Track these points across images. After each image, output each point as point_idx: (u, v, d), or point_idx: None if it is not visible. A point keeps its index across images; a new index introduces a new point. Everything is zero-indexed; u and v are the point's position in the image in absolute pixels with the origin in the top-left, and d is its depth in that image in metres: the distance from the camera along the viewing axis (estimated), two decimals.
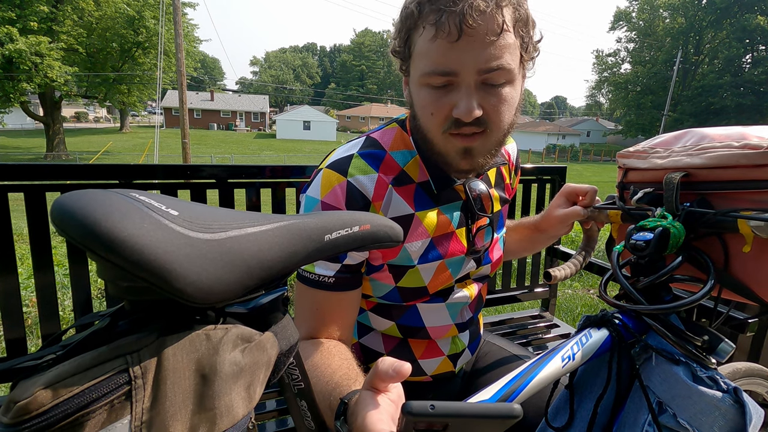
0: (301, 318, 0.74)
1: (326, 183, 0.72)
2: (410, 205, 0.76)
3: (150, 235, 0.31)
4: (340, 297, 0.73)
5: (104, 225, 0.29)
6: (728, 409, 0.58)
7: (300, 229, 0.41)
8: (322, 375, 0.61)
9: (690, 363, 0.63)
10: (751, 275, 0.66)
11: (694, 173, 0.69)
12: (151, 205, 0.34)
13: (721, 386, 0.60)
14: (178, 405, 0.32)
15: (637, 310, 0.65)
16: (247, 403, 0.37)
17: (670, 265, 0.65)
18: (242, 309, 0.42)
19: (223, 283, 0.34)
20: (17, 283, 1.05)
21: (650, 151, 0.76)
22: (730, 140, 0.66)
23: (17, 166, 1.04)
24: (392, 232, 0.49)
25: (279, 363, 0.43)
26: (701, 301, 0.62)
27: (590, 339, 0.65)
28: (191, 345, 0.34)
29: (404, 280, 0.78)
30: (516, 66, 0.67)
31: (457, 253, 0.80)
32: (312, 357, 0.67)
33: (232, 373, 0.35)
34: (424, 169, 0.78)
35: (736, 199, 0.66)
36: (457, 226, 0.80)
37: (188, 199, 1.21)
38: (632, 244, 0.66)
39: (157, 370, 0.32)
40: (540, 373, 0.59)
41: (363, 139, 0.79)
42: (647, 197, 0.74)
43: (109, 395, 0.30)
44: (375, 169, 0.74)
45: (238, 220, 0.38)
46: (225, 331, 0.37)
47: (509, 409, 0.31)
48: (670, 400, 0.62)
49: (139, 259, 0.30)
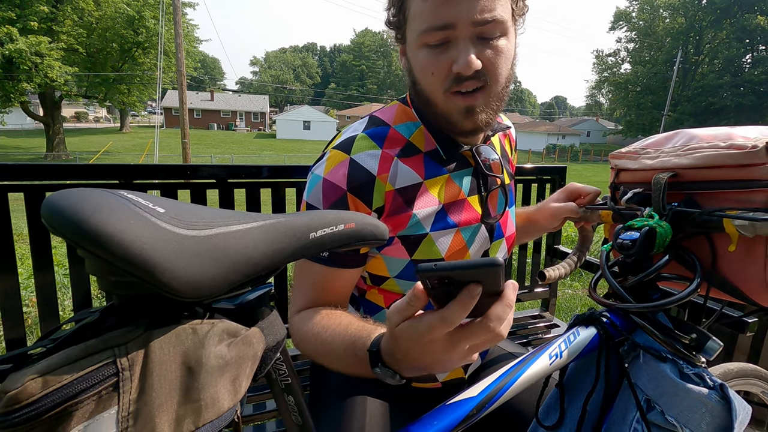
0: (299, 291, 0.76)
1: (331, 162, 0.73)
2: (419, 173, 0.76)
3: (137, 230, 0.32)
4: (335, 273, 0.74)
5: (92, 221, 0.30)
6: (715, 405, 0.59)
7: (285, 227, 0.43)
8: (336, 333, 0.64)
9: (677, 360, 0.63)
10: (736, 274, 0.67)
11: (681, 173, 0.69)
12: (139, 203, 0.35)
13: (708, 383, 0.61)
14: (164, 396, 0.33)
15: (625, 309, 0.66)
16: (232, 396, 0.38)
17: (657, 264, 0.66)
18: (230, 305, 0.44)
19: (209, 278, 0.35)
20: (17, 283, 1.06)
21: (641, 152, 0.77)
22: (717, 140, 0.67)
23: (17, 166, 1.04)
24: (377, 231, 0.50)
25: (266, 358, 0.44)
26: (688, 299, 0.63)
27: (578, 337, 0.66)
28: (177, 338, 0.35)
29: (419, 251, 0.76)
30: (509, 18, 0.69)
31: (472, 221, 0.79)
32: (316, 319, 0.69)
33: (217, 366, 0.37)
34: (430, 137, 0.78)
35: (723, 199, 0.66)
36: (469, 193, 0.80)
37: (188, 200, 1.22)
38: (619, 243, 0.67)
39: (144, 362, 0.33)
40: (527, 370, 0.59)
41: (366, 119, 0.80)
42: (636, 197, 0.75)
43: (97, 386, 0.31)
44: (379, 146, 0.74)
45: (224, 219, 0.40)
46: (211, 326, 0.38)
47: (492, 260, 0.40)
48: (658, 398, 0.62)
49: (126, 254, 0.31)
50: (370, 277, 0.83)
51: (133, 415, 0.32)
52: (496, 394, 0.55)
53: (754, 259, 0.64)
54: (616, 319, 0.69)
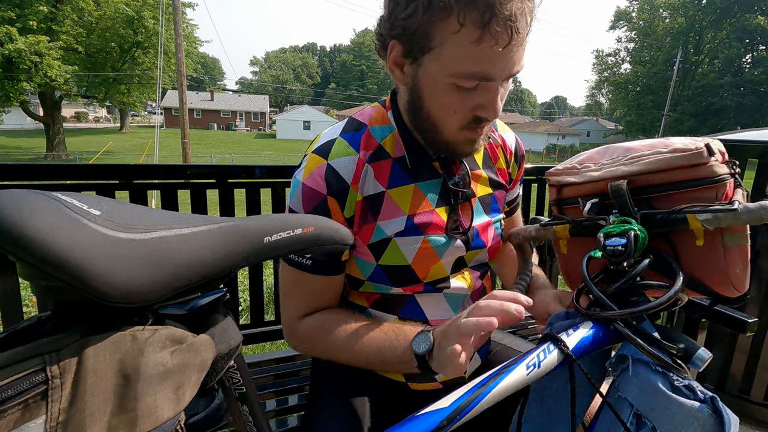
0: (294, 298, 0.79)
1: (309, 166, 0.74)
2: (382, 182, 0.75)
3: (63, 232, 0.31)
4: (326, 280, 0.76)
5: (12, 221, 0.30)
6: (707, 419, 0.57)
7: (236, 232, 0.42)
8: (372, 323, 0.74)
9: (667, 372, 0.61)
10: (701, 269, 0.69)
11: (633, 180, 0.72)
12: (71, 204, 0.34)
13: (699, 396, 0.58)
14: (97, 405, 0.33)
15: (607, 317, 0.64)
16: (174, 405, 0.37)
17: (640, 265, 0.65)
18: (180, 311, 0.43)
19: (146, 284, 0.34)
20: (17, 283, 1.06)
21: (580, 167, 0.80)
22: (657, 148, 0.72)
23: (17, 166, 1.04)
24: (337, 235, 0.49)
25: (216, 366, 0.43)
26: (675, 296, 0.62)
27: (556, 348, 0.62)
28: (114, 345, 0.34)
29: (384, 257, 0.77)
30: None
31: (439, 231, 0.78)
32: (342, 316, 0.76)
33: (157, 375, 0.36)
34: (401, 144, 0.77)
35: (678, 200, 0.69)
36: (437, 204, 0.79)
37: (188, 200, 1.22)
38: (610, 250, 0.66)
39: (77, 370, 0.33)
40: (503, 381, 0.56)
41: (346, 121, 0.80)
42: (596, 207, 0.76)
43: (24, 394, 0.30)
44: (356, 150, 0.74)
45: (168, 222, 0.39)
46: (153, 332, 0.37)
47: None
48: (649, 412, 0.60)
49: (48, 256, 0.30)
50: (348, 281, 0.83)
51: (62, 425, 0.31)
52: (468, 405, 0.52)
53: (714, 251, 0.67)
54: (600, 329, 0.66)
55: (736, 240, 0.67)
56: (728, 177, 0.67)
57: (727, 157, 0.70)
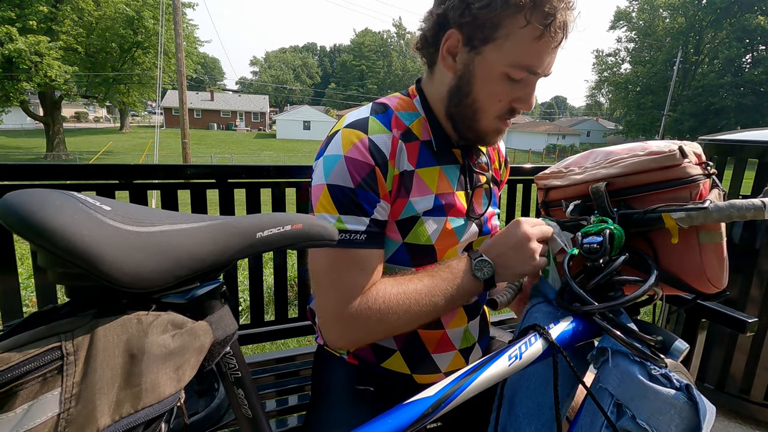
0: (345, 283, 0.72)
1: (347, 140, 0.73)
2: (411, 162, 0.78)
3: (80, 224, 0.35)
4: (375, 253, 0.74)
5: (39, 216, 0.34)
6: (683, 406, 0.60)
7: (231, 227, 0.46)
8: (422, 275, 0.75)
9: (645, 363, 0.64)
10: (678, 265, 0.73)
11: (612, 182, 0.77)
12: (86, 201, 0.39)
13: (674, 384, 0.61)
14: (106, 380, 0.37)
15: (587, 311, 0.67)
16: (175, 383, 0.41)
17: (617, 261, 0.69)
18: (180, 299, 0.47)
19: (151, 271, 0.39)
20: (17, 283, 1.07)
21: (565, 171, 0.85)
22: (635, 151, 0.76)
23: (17, 166, 1.05)
24: (325, 232, 0.53)
25: (213, 351, 0.47)
26: (650, 290, 0.66)
27: (537, 340, 0.65)
28: (122, 327, 0.39)
29: (411, 235, 0.78)
30: None
31: (459, 214, 0.83)
32: (389, 282, 0.74)
33: (159, 355, 0.40)
34: (428, 128, 0.82)
35: (654, 200, 0.73)
36: (457, 187, 0.84)
37: (188, 200, 1.24)
38: (587, 248, 0.70)
39: (89, 348, 0.37)
40: (485, 371, 0.59)
41: (370, 105, 0.82)
42: (578, 208, 0.81)
43: (42, 368, 0.34)
44: (388, 129, 0.77)
45: (170, 218, 0.43)
46: (156, 317, 0.41)
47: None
48: (629, 401, 0.62)
49: (68, 245, 0.34)
50: None
51: (75, 397, 0.35)
52: (452, 394, 0.56)
53: (690, 248, 0.72)
54: (580, 323, 0.69)
55: (711, 238, 0.71)
56: (702, 177, 0.71)
57: (703, 159, 0.74)
